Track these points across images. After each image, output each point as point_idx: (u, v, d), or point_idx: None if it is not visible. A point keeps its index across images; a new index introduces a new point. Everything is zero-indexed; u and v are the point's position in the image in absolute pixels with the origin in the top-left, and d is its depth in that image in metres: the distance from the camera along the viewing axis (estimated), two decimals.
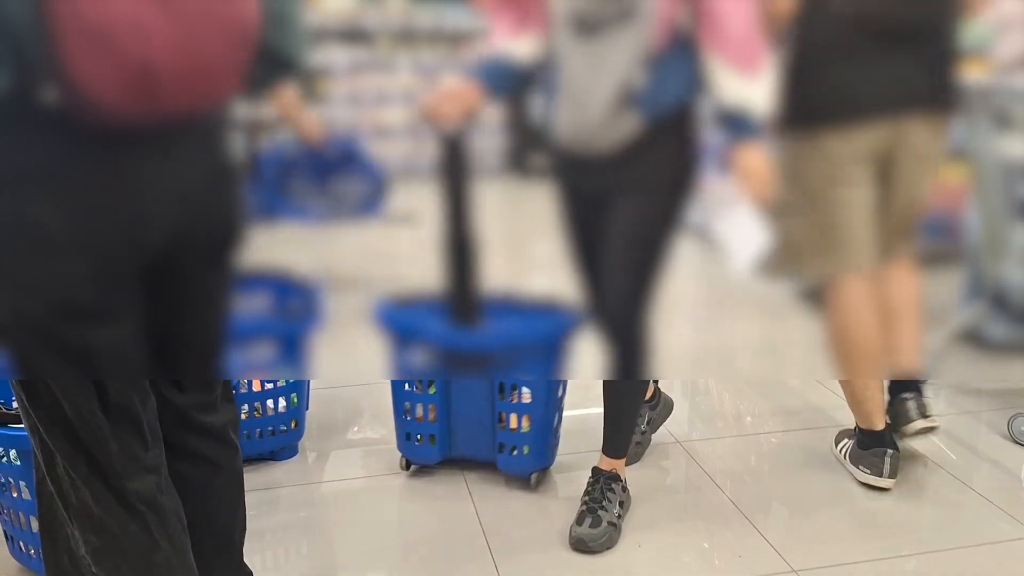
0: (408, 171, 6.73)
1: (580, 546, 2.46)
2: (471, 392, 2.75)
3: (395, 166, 6.71)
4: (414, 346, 2.46)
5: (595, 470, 2.61)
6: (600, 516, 2.50)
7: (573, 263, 2.33)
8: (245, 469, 2.84)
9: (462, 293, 2.37)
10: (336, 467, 2.89)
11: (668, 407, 3.06)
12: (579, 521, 2.50)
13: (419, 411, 2.79)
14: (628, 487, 2.63)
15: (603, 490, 2.55)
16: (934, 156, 2.39)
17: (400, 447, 2.85)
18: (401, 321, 2.48)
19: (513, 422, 2.73)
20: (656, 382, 2.97)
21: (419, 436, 2.81)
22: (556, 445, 2.84)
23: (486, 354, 2.45)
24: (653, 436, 3.01)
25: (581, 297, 2.34)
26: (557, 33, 2.10)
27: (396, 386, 2.80)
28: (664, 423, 3.05)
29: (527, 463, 2.74)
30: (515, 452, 2.74)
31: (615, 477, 2.59)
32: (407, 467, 2.86)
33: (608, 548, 2.48)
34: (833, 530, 2.61)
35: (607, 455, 2.61)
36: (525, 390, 2.72)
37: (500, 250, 4.79)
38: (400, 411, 2.81)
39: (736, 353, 3.49)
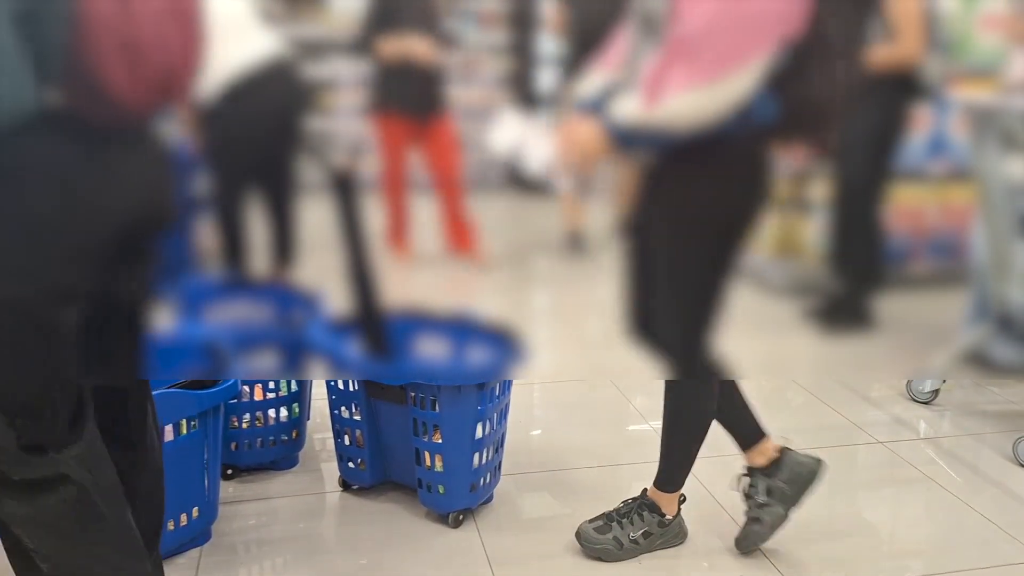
0: (411, 184, 6.72)
1: (578, 537, 2.52)
2: (395, 423, 2.67)
3: None
4: (342, 369, 2.50)
5: (643, 491, 2.57)
6: (611, 527, 2.49)
7: None
8: (245, 478, 2.87)
9: (368, 322, 2.48)
10: (336, 478, 2.86)
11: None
12: (592, 519, 2.53)
13: (349, 437, 2.77)
14: (678, 526, 2.56)
15: (632, 511, 2.52)
16: None
17: (339, 467, 2.84)
18: (324, 346, 2.52)
19: (427, 460, 2.61)
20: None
21: (350, 460, 2.79)
22: (486, 484, 2.69)
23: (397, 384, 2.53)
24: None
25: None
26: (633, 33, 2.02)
27: (331, 410, 2.78)
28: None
29: (443, 503, 2.63)
30: (431, 490, 2.63)
31: (653, 507, 2.52)
32: (344, 486, 2.85)
33: (601, 558, 2.48)
34: (836, 550, 2.59)
35: (654, 484, 2.55)
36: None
37: (502, 265, 4.78)
38: (336, 433, 2.79)
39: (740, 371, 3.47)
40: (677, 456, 2.51)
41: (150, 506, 1.98)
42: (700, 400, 2.44)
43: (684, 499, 2.57)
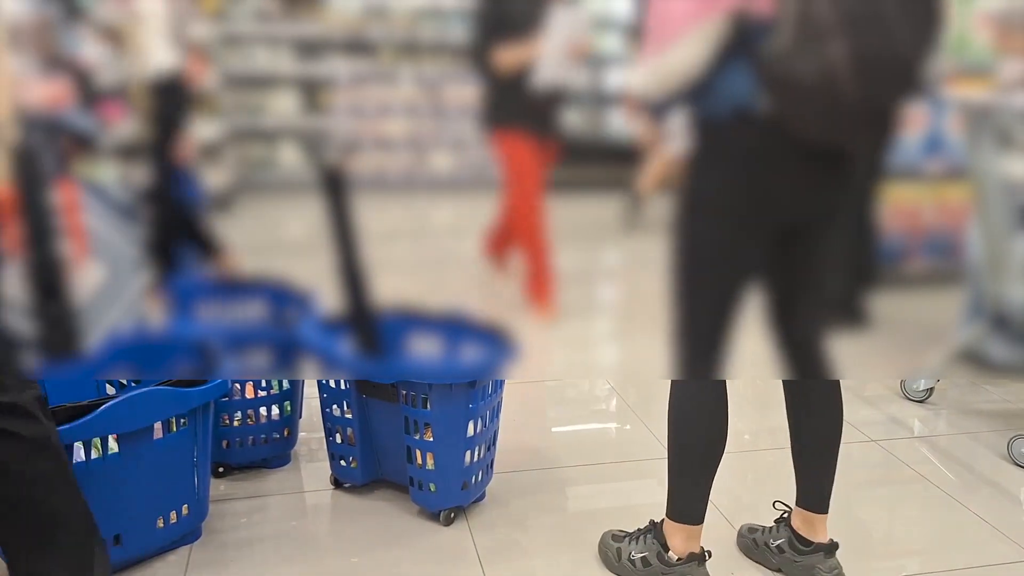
0: (409, 184, 6.73)
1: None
2: (387, 421, 2.67)
3: (396, 179, 6.72)
4: (334, 367, 2.49)
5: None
6: (624, 539, 2.44)
7: None
8: (238, 477, 2.86)
9: (359, 321, 2.48)
10: (328, 476, 2.86)
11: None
12: (617, 529, 2.50)
13: (341, 435, 2.76)
14: (674, 561, 2.33)
15: (644, 531, 2.42)
16: None
17: (331, 465, 2.84)
18: (316, 344, 2.51)
19: (419, 458, 2.61)
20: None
21: (342, 459, 2.79)
22: (478, 482, 2.69)
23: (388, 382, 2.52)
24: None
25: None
26: None
27: (323, 408, 2.78)
28: None
29: (435, 501, 2.63)
30: (422, 488, 2.63)
31: (658, 534, 2.36)
32: (336, 484, 2.85)
33: (602, 561, 2.46)
34: None
35: (665, 511, 2.38)
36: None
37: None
38: (328, 432, 2.79)
39: (735, 369, 3.47)
40: (677, 481, 2.33)
41: (64, 501, 1.98)
42: (698, 418, 2.27)
43: (708, 556, 2.36)
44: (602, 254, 4.98)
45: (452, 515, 2.64)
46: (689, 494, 2.32)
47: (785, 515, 2.48)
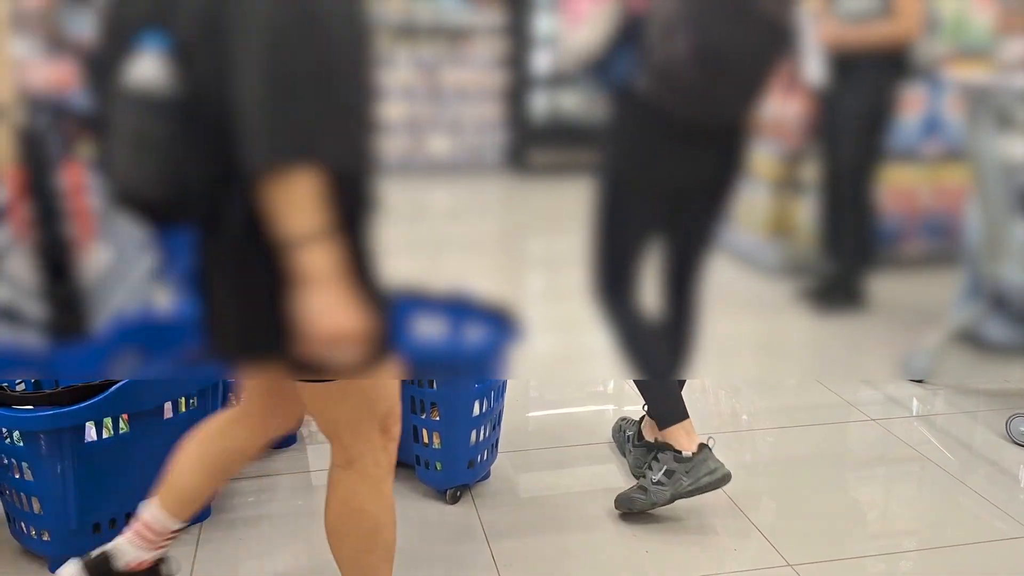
0: (406, 167, 6.73)
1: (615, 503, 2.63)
2: None
3: (393, 162, 6.73)
4: None
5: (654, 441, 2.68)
6: (639, 482, 2.59)
7: None
8: None
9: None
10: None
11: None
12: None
13: None
14: (703, 464, 2.50)
15: (651, 459, 2.59)
16: None
17: None
18: None
19: (425, 437, 2.64)
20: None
21: None
22: (483, 461, 2.71)
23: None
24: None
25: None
26: None
27: None
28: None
29: (440, 479, 2.66)
30: (428, 467, 2.67)
31: (665, 447, 2.55)
32: None
33: (631, 509, 2.58)
34: (829, 526, 2.62)
35: (657, 428, 2.62)
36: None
37: (499, 248, 4.79)
38: None
39: (733, 352, 3.50)
40: (653, 392, 2.61)
41: None
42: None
43: (713, 442, 2.57)
44: None
45: (458, 493, 2.67)
46: (668, 399, 2.60)
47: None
